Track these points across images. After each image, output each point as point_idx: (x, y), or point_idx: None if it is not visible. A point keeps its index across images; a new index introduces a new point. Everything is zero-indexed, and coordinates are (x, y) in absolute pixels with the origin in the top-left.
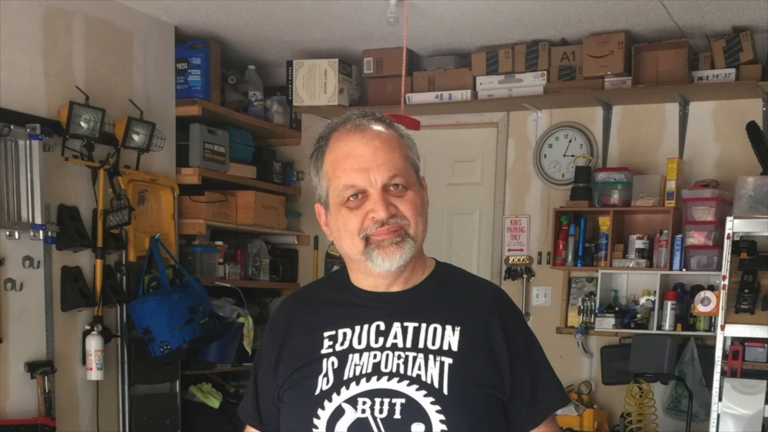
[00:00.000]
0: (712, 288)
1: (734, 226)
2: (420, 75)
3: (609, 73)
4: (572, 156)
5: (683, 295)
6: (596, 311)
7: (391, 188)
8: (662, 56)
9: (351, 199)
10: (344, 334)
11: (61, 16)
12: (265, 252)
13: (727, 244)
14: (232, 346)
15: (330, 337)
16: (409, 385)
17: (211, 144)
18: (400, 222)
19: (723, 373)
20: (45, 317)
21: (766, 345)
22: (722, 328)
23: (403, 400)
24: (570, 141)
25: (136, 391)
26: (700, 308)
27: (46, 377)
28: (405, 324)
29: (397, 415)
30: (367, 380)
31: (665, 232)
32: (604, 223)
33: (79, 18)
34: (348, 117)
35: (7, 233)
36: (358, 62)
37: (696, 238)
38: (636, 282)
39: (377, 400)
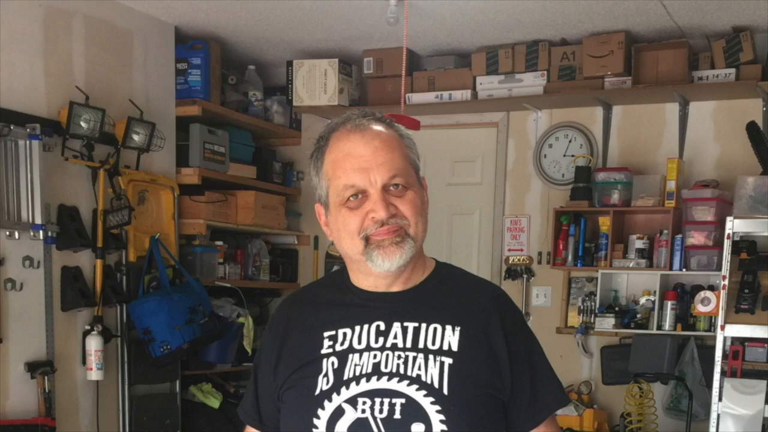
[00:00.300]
0: (712, 288)
1: (734, 226)
2: (420, 75)
3: (609, 73)
4: (572, 156)
5: (683, 295)
6: (596, 311)
7: (391, 188)
8: (662, 56)
9: (351, 199)
10: (344, 334)
11: (61, 16)
12: (265, 252)
13: (727, 244)
14: (232, 346)
15: (330, 337)
16: (409, 385)
17: (211, 144)
18: (400, 222)
19: (723, 373)
20: (45, 317)
21: (766, 345)
22: (722, 328)
23: (403, 400)
24: (570, 141)
25: (136, 391)
26: (700, 308)
27: (46, 377)
28: (405, 324)
29: (397, 415)
30: (367, 380)
31: (665, 232)
32: (604, 223)
33: (79, 18)
34: (348, 117)
35: (7, 233)
36: (358, 62)
37: (696, 238)
38: (636, 282)
39: (377, 400)
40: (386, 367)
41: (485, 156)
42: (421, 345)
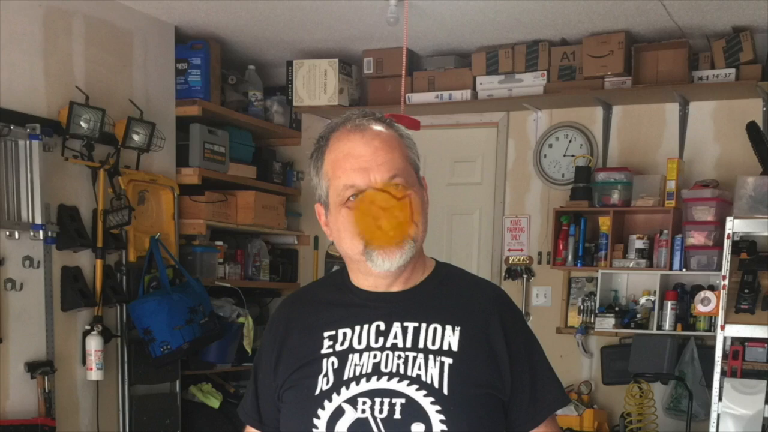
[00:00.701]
0: (712, 288)
1: (734, 226)
2: (420, 75)
3: (609, 73)
4: (572, 156)
5: (683, 295)
6: (596, 311)
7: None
8: (662, 56)
9: (351, 199)
10: (344, 334)
11: (61, 16)
12: (265, 252)
13: (727, 244)
14: (232, 346)
15: (330, 337)
16: (409, 385)
17: (211, 144)
18: None
19: (723, 373)
20: (45, 317)
21: (766, 345)
22: (722, 328)
23: (403, 400)
24: (570, 141)
25: (136, 391)
26: (700, 308)
27: (46, 377)
28: (405, 324)
29: (397, 415)
30: (367, 380)
31: (665, 232)
32: (604, 223)
33: (79, 18)
34: (348, 117)
35: (7, 233)
36: (358, 62)
37: (696, 238)
38: (636, 282)
39: (377, 400)
40: (386, 367)
41: (485, 156)
42: (421, 345)
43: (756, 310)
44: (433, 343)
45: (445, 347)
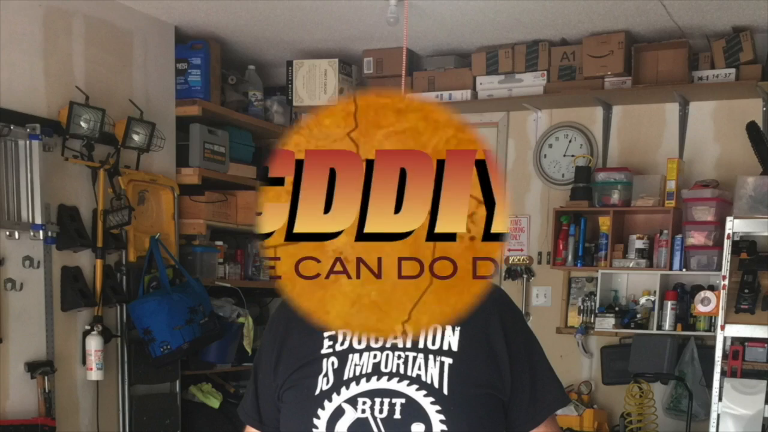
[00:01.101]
0: (712, 288)
1: (734, 226)
2: (420, 75)
3: (609, 73)
4: (572, 156)
5: (683, 295)
6: (596, 311)
7: None
8: (662, 56)
9: None
10: (344, 334)
11: (61, 16)
12: None
13: (727, 244)
14: (232, 346)
15: (330, 337)
16: (409, 385)
17: (211, 144)
18: None
19: (723, 373)
20: (45, 317)
21: (766, 345)
22: (722, 328)
23: (403, 400)
24: (570, 141)
25: (136, 391)
26: (700, 308)
27: (46, 377)
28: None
29: (397, 415)
30: (367, 380)
31: (665, 232)
32: (604, 223)
33: (79, 18)
34: None
35: (7, 233)
36: (358, 62)
37: (696, 238)
38: (636, 282)
39: (377, 400)
40: (386, 367)
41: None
42: (421, 345)
43: (756, 310)
44: (433, 343)
45: (445, 347)
